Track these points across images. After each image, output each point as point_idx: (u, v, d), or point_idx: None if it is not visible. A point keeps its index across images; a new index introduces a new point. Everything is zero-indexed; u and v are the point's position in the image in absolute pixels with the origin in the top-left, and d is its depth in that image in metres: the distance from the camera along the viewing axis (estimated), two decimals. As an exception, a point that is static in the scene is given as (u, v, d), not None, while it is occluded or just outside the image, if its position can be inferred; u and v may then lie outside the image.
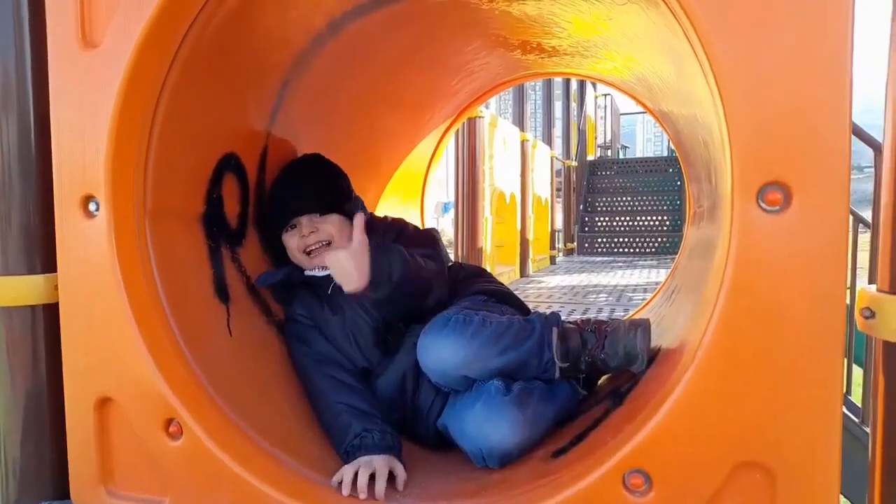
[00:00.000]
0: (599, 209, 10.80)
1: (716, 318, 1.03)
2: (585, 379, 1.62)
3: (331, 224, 1.75)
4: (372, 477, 1.34)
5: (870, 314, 1.02)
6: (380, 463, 1.36)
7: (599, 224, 10.51)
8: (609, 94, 14.65)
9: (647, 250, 9.71)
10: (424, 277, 1.54)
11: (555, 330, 1.49)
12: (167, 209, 1.52)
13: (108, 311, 1.39)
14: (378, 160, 2.54)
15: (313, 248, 1.73)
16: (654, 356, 1.46)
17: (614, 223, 10.42)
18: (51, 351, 1.52)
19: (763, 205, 1.00)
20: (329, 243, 1.74)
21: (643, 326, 1.45)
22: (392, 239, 1.75)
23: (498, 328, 1.46)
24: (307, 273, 1.77)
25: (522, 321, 1.51)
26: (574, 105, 11.22)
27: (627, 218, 10.38)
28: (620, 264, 8.07)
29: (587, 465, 1.16)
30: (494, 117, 5.82)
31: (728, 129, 1.01)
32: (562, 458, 1.35)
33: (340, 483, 1.34)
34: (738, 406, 1.02)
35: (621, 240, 10.03)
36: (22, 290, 1.49)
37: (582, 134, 11.56)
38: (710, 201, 1.55)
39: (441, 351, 1.43)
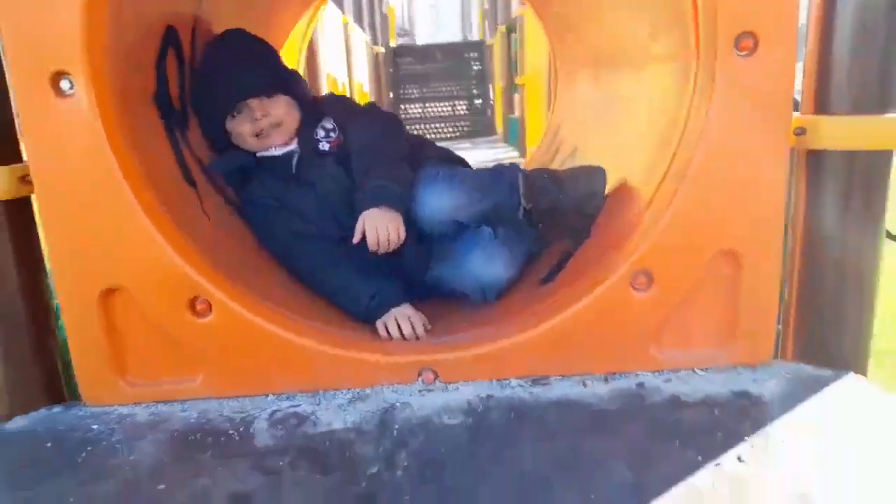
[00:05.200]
0: (410, 97, 10.93)
1: (703, 145, 1.30)
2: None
3: (280, 105, 1.73)
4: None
5: (801, 132, 1.36)
6: (409, 309, 1.52)
7: (412, 112, 10.69)
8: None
9: (459, 134, 10.16)
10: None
11: (520, 175, 1.69)
12: (129, 87, 1.43)
13: (105, 197, 1.32)
14: (276, 40, 2.45)
15: (265, 131, 1.72)
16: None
17: (427, 110, 10.67)
18: (22, 251, 1.40)
19: (737, 51, 1.26)
20: (280, 125, 1.74)
21: (601, 170, 1.71)
22: (361, 116, 1.81)
23: (476, 176, 1.65)
24: (260, 155, 1.76)
25: (493, 171, 1.70)
26: (376, -13, 10.96)
27: (438, 104, 10.68)
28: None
29: (592, 277, 1.42)
30: (321, -2, 5.58)
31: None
32: (551, 283, 1.61)
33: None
34: (717, 209, 1.32)
35: (435, 126, 10.34)
36: (-19, 186, 1.33)
37: (385, 18, 11.41)
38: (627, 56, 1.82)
39: (435, 200, 1.58)
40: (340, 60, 6.57)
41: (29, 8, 1.24)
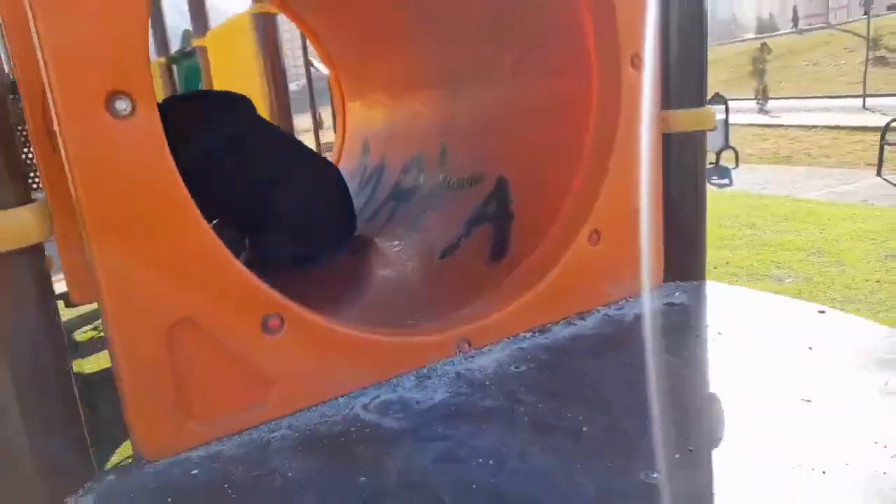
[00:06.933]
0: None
1: (621, 134, 1.82)
2: None
3: None
4: None
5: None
6: None
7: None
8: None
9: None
10: None
11: None
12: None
13: (173, 222, 1.24)
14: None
15: None
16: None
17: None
18: (42, 306, 1.18)
19: (632, 68, 1.82)
20: None
21: None
22: None
23: None
24: None
25: None
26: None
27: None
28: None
29: (557, 239, 1.83)
30: None
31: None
32: (503, 259, 1.97)
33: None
34: (630, 178, 1.87)
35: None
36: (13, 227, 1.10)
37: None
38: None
39: None
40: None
41: (83, 24, 1.11)
